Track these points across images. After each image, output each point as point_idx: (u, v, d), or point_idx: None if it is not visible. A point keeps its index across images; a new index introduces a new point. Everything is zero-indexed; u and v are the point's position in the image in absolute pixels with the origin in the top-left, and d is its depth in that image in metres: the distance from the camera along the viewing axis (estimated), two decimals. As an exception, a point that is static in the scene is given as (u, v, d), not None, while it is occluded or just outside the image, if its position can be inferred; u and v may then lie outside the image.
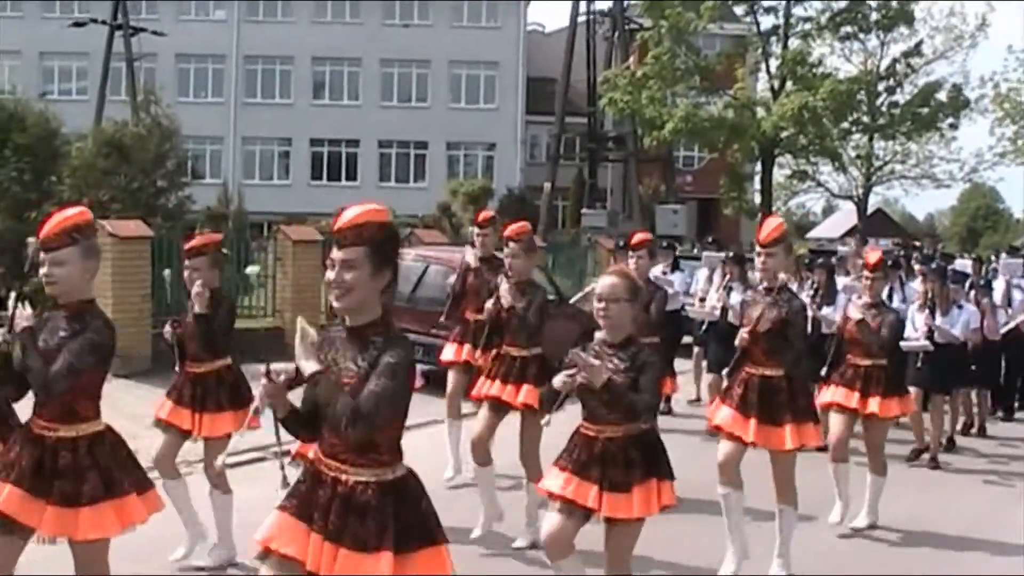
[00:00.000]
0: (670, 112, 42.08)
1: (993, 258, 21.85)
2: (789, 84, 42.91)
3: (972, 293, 14.47)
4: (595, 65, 49.27)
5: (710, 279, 14.81)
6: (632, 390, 5.97)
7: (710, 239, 20.19)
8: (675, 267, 16.23)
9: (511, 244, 9.02)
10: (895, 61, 46.27)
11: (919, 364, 12.44)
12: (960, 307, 13.09)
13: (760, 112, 43.63)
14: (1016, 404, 16.31)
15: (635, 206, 47.18)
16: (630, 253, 11.33)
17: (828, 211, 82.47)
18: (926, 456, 12.60)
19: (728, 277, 13.62)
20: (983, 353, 14.24)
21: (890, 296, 13.84)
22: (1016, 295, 15.33)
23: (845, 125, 44.59)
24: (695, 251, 27.31)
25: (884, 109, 45.82)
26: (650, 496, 6.01)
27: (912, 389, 11.54)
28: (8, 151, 20.23)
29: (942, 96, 44.85)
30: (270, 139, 55.86)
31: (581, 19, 49.67)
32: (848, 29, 45.14)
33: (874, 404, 9.66)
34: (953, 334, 12.71)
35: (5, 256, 19.94)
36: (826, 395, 10.02)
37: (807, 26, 44.60)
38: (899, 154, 49.83)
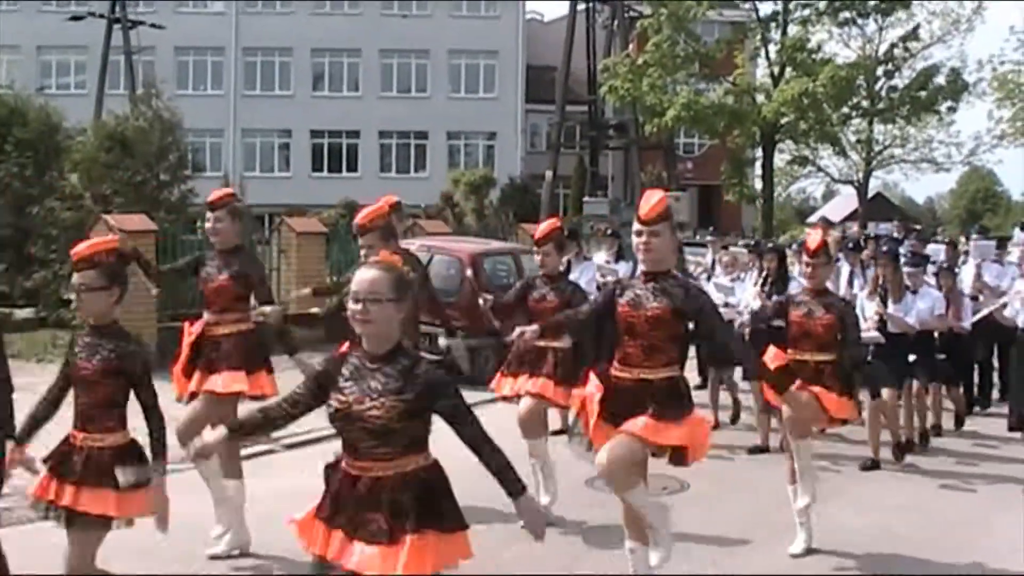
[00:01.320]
0: (671, 99, 42.15)
1: (964, 240, 20.30)
2: (789, 70, 42.97)
3: (936, 278, 13.17)
4: (595, 53, 49.28)
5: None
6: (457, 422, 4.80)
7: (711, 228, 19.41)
8: (619, 256, 15.18)
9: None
10: (893, 46, 46.35)
11: (869, 358, 10.97)
12: (915, 293, 11.82)
13: (760, 98, 43.68)
14: (997, 397, 14.81)
15: (637, 193, 47.13)
16: (535, 248, 9.33)
17: (828, 196, 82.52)
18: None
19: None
20: (951, 344, 12.81)
21: (851, 282, 13.43)
22: (988, 279, 13.82)
23: (845, 110, 44.68)
24: (697, 238, 27.28)
25: (883, 94, 45.93)
26: (423, 554, 4.65)
27: (885, 391, 11.01)
28: (9, 146, 20.18)
29: (940, 80, 44.95)
30: (270, 131, 55.85)
31: (580, 7, 49.65)
32: (846, 15, 45.18)
33: (827, 401, 8.58)
34: (907, 323, 11.57)
35: (8, 252, 19.95)
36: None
37: (806, 12, 44.65)
38: (898, 138, 49.90)
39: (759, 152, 46.68)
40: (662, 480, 10.39)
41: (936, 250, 15.82)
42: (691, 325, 6.99)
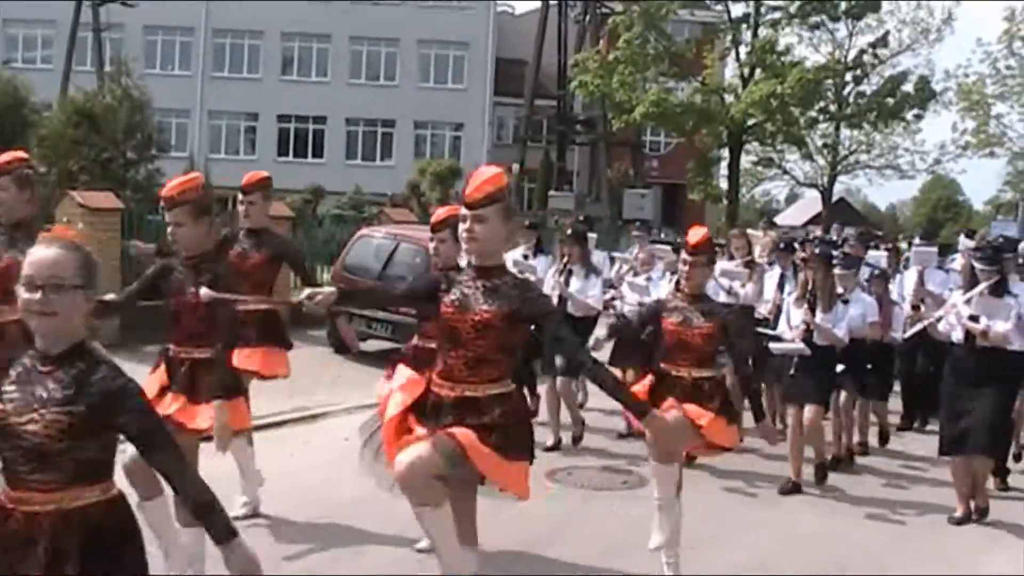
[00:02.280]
0: (640, 96, 42.27)
1: (906, 246, 19.70)
2: (758, 72, 43.18)
3: (869, 284, 12.23)
4: (566, 48, 49.31)
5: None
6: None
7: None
8: (539, 250, 13.21)
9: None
10: (862, 52, 46.72)
11: (792, 371, 10.48)
12: (846, 303, 10.69)
13: (729, 99, 43.90)
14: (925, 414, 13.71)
15: (603, 189, 47.29)
16: (431, 235, 7.79)
17: (792, 198, 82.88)
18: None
19: (567, 259, 11.87)
20: (878, 354, 11.99)
21: (781, 286, 12.38)
22: (932, 287, 12.20)
23: (812, 114, 44.98)
24: (662, 236, 27.34)
25: (851, 99, 46.27)
26: None
27: (808, 408, 10.30)
28: (-25, 119, 20.11)
29: (908, 87, 45.33)
30: (237, 114, 55.58)
31: (552, 2, 49.68)
32: (817, 18, 45.45)
33: (704, 424, 7.40)
34: (836, 335, 10.44)
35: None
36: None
37: (776, 14, 44.91)
38: (864, 144, 50.28)
39: (726, 152, 46.91)
40: (621, 476, 10.47)
41: (877, 256, 14.87)
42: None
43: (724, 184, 48.38)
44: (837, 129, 48.46)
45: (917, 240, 17.04)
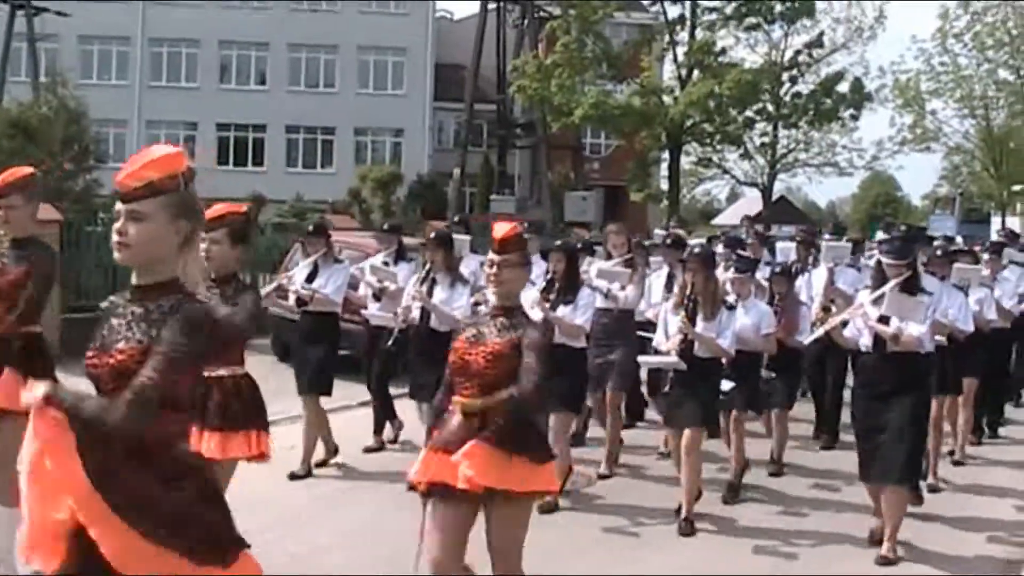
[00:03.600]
0: (579, 99, 42.40)
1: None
2: (696, 73, 43.47)
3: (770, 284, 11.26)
4: (505, 52, 49.40)
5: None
6: None
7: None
8: (400, 256, 12.05)
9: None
10: (797, 52, 47.09)
11: (668, 388, 9.18)
12: (731, 308, 9.39)
13: (668, 100, 44.15)
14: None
15: (544, 192, 47.39)
16: (203, 233, 6.06)
17: (733, 198, 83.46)
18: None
19: (429, 267, 10.67)
20: (784, 360, 10.76)
21: (669, 286, 11.01)
22: (843, 286, 11.43)
23: (750, 114, 45.29)
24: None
25: (788, 99, 46.60)
26: None
27: (686, 432, 8.97)
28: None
29: (844, 88, 45.76)
30: (176, 123, 55.17)
31: (491, 7, 49.72)
32: (752, 20, 45.75)
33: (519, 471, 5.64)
34: (720, 346, 9.04)
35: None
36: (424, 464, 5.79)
37: (713, 16, 45.23)
38: (802, 142, 50.66)
39: (666, 153, 47.16)
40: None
41: (786, 249, 14.37)
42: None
43: (665, 185, 48.62)
44: (775, 129, 48.80)
45: (827, 235, 15.96)
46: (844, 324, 8.52)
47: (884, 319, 8.16)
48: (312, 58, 56.00)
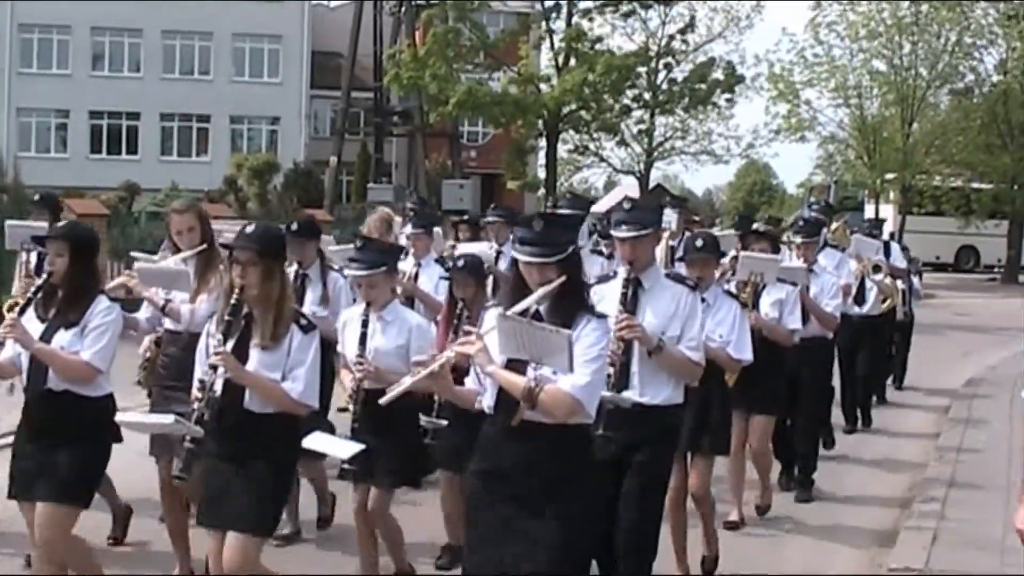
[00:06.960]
0: (454, 88, 42.51)
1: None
2: (572, 61, 43.82)
3: None
4: (382, 40, 49.33)
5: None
6: None
7: (493, 206, 15.33)
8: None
9: None
10: (671, 38, 47.54)
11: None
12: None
13: (544, 88, 44.46)
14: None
15: (421, 181, 47.49)
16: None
17: (610, 186, 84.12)
18: None
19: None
20: None
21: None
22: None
23: (626, 101, 45.74)
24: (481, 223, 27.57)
25: (663, 86, 47.10)
26: None
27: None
28: None
29: (718, 74, 46.39)
30: (47, 110, 54.38)
31: (367, -7, 49.64)
32: (628, 7, 46.15)
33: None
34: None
35: None
36: None
37: (588, 3, 45.64)
38: (679, 130, 51.15)
39: (543, 141, 47.50)
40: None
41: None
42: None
43: (542, 173, 48.99)
44: (652, 116, 49.26)
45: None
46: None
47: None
48: (186, 45, 55.45)
